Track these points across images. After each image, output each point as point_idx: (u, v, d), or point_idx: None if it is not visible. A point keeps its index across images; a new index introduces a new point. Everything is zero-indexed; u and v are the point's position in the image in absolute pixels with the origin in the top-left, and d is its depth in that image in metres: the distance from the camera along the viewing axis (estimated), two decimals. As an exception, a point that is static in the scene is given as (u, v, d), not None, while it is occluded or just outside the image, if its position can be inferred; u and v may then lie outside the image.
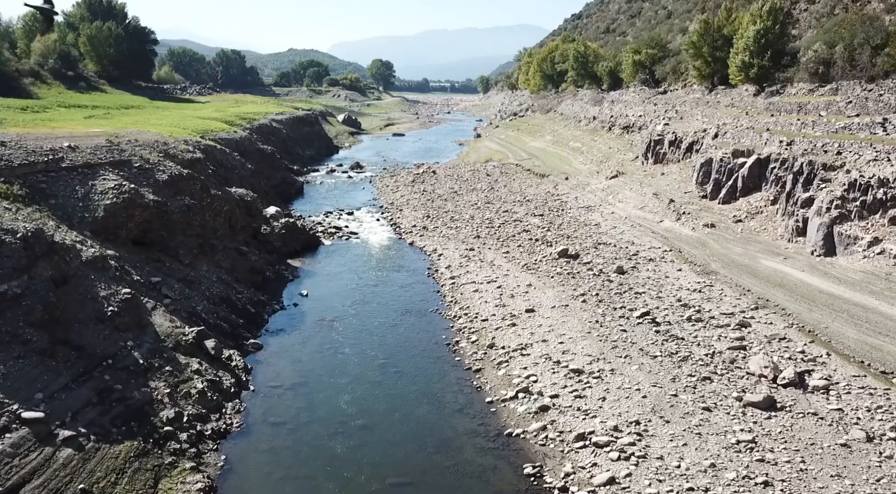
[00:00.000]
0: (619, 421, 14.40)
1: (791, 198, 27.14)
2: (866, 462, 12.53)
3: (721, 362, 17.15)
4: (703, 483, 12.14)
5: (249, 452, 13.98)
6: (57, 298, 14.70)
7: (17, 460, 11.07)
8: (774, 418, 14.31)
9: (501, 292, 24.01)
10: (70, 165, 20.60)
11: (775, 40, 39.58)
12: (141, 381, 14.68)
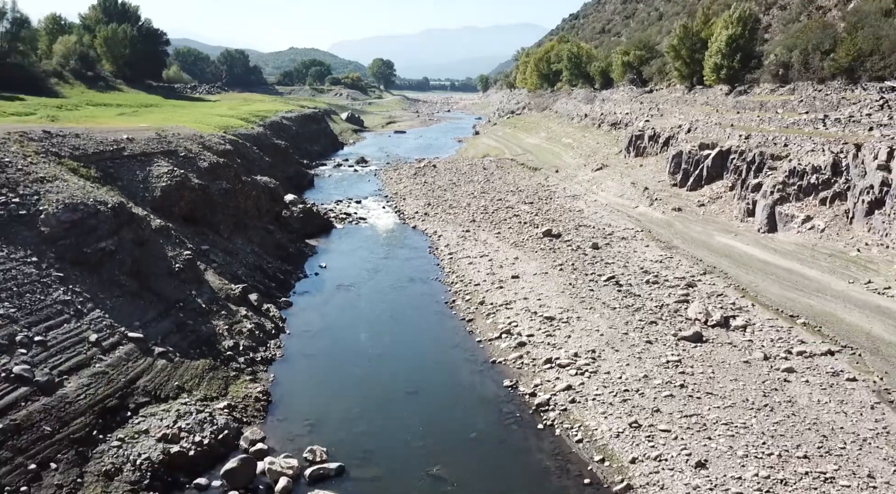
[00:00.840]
0: (579, 350, 18.47)
1: (744, 184, 31.22)
2: (759, 372, 16.60)
3: (667, 311, 21.22)
4: (636, 387, 16.20)
5: (290, 372, 18.05)
6: (139, 255, 18.79)
7: (130, 363, 15.14)
8: (699, 347, 18.38)
9: (492, 263, 28.06)
10: (130, 153, 24.68)
11: (745, 45, 43.58)
12: (205, 320, 18.76)
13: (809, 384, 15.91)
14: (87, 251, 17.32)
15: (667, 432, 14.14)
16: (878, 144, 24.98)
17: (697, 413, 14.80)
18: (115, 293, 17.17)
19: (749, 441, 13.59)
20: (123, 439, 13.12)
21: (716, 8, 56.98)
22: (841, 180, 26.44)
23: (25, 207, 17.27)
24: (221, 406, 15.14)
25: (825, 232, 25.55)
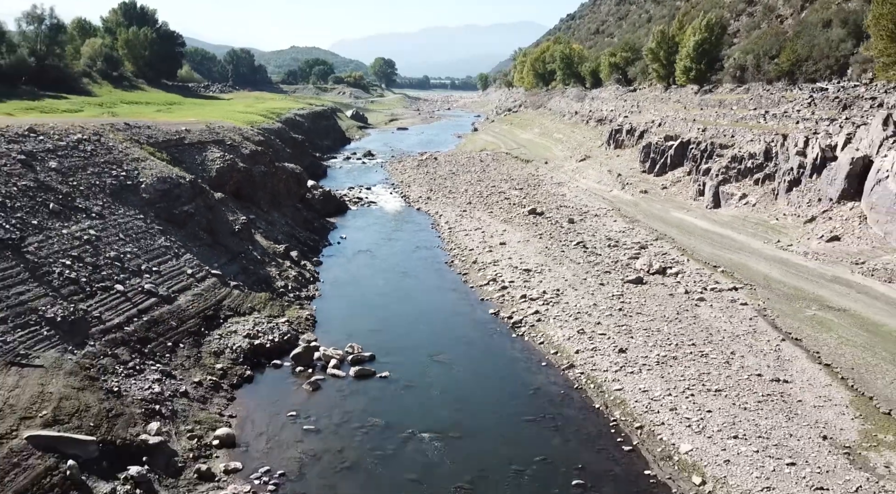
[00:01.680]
0: (547, 290, 24.18)
1: (698, 169, 36.91)
2: (678, 301, 22.31)
3: (619, 265, 26.92)
4: (586, 310, 21.91)
5: (328, 305, 23.75)
6: (210, 217, 24.50)
7: (215, 290, 20.84)
8: (639, 287, 24.09)
9: (484, 235, 33.74)
10: (189, 142, 30.40)
11: (711, 49, 49.26)
12: (261, 267, 24.48)
13: (712, 307, 21.62)
14: (175, 212, 23.07)
15: (603, 335, 19.85)
16: (798, 135, 30.68)
17: (626, 325, 20.51)
18: (197, 243, 22.91)
19: (658, 338, 19.32)
20: (221, 334, 18.86)
21: (693, 13, 62.67)
22: (771, 164, 32.15)
23: (130, 178, 23.02)
24: (282, 321, 20.85)
25: (755, 206, 31.27)
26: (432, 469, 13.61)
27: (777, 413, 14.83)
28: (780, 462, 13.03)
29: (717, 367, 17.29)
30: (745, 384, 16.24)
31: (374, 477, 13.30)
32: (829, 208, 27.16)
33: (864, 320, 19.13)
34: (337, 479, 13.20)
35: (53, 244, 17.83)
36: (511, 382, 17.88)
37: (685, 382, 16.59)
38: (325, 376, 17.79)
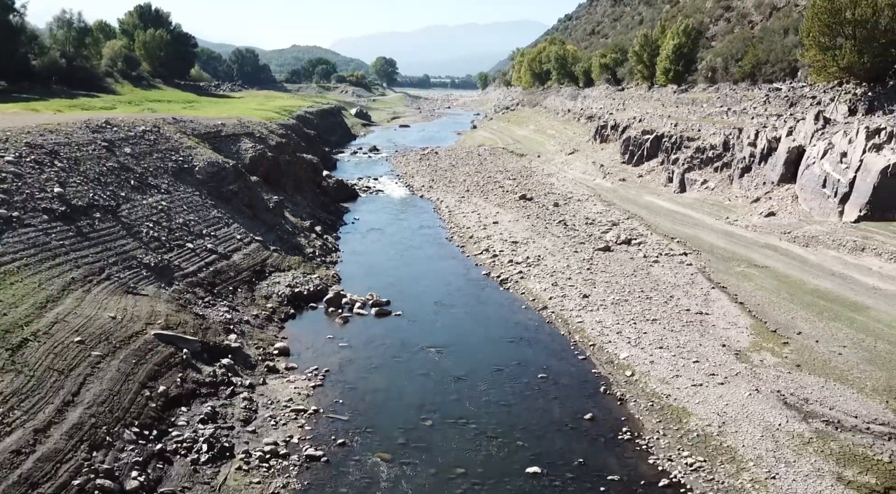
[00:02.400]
0: (529, 256, 29.10)
1: (669, 160, 41.80)
2: (637, 263, 27.23)
3: (593, 238, 31.83)
4: (560, 270, 26.81)
5: (349, 267, 28.64)
6: (249, 196, 29.42)
7: (259, 252, 25.76)
8: (606, 253, 29.01)
9: (479, 216, 38.63)
10: (225, 134, 35.31)
11: (687, 52, 54.07)
12: (292, 236, 29.40)
13: (663, 267, 26.54)
14: (222, 190, 28.01)
15: (572, 286, 24.79)
16: (751, 129, 35.59)
17: (592, 279, 25.46)
18: (241, 216, 27.84)
19: (615, 288, 24.25)
20: (268, 284, 23.79)
21: (675, 18, 67.51)
22: (728, 154, 37.06)
23: (186, 162, 27.97)
24: (314, 277, 25.77)
25: (714, 190, 36.19)
26: (436, 368, 18.53)
27: (694, 333, 19.76)
28: (688, 360, 17.96)
29: (657, 305, 22.23)
30: (676, 316, 21.18)
31: (393, 373, 18.23)
32: (770, 190, 32.10)
33: (777, 273, 24.05)
34: (367, 374, 18.13)
35: (138, 211, 22.80)
36: (497, 318, 22.83)
37: (630, 315, 21.53)
38: (352, 314, 22.72)
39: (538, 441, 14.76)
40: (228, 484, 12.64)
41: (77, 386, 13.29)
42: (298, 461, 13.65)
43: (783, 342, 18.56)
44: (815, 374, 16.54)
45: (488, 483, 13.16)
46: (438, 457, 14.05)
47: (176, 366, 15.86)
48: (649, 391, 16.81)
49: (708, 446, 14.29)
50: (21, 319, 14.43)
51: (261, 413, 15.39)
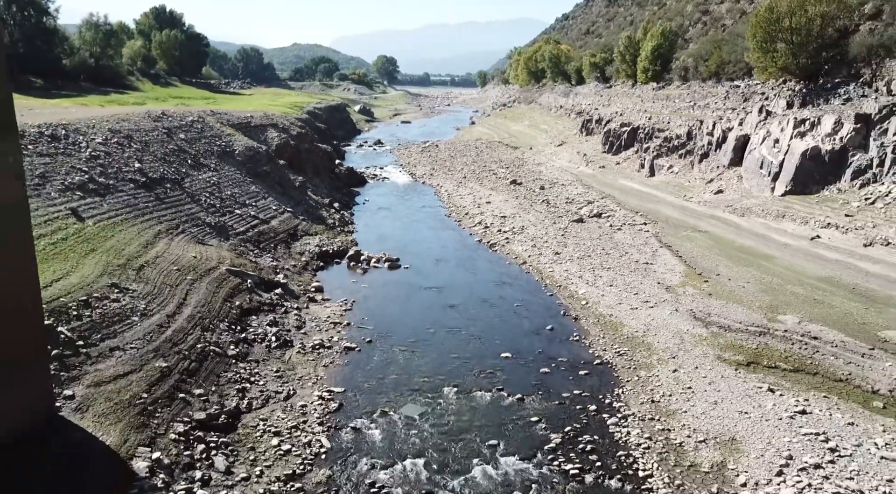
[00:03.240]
0: (514, 227, 34.63)
1: (642, 148, 47.31)
2: (604, 230, 32.77)
3: (570, 213, 37.34)
4: (540, 237, 32.35)
5: (363, 235, 34.13)
6: (279, 175, 34.95)
7: (291, 220, 31.29)
8: (579, 224, 34.55)
9: (474, 198, 44.13)
10: (254, 124, 40.81)
11: (665, 53, 59.49)
12: (316, 210, 34.93)
13: (625, 233, 32.07)
14: (258, 170, 33.54)
15: (547, 247, 30.33)
16: (709, 120, 41.09)
17: (564, 242, 31.00)
18: (274, 192, 33.38)
19: (582, 247, 29.80)
20: (300, 244, 29.33)
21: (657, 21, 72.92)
22: (691, 143, 42.56)
23: (228, 147, 33.49)
24: (337, 240, 31.30)
25: (678, 174, 41.71)
26: (436, 300, 24.09)
27: (639, 276, 25.30)
28: (630, 293, 23.51)
29: (614, 259, 27.78)
30: (626, 266, 26.73)
31: (404, 303, 23.78)
32: (721, 172, 37.63)
33: (714, 236, 29.60)
34: (384, 303, 23.67)
35: (196, 184, 28.34)
36: (485, 270, 28.37)
37: (591, 266, 27.08)
38: (369, 267, 28.26)
39: (511, 341, 20.31)
40: (293, 360, 18.19)
41: (184, 295, 18.84)
42: (339, 350, 19.22)
43: (704, 281, 24.11)
44: (721, 299, 22.08)
45: (473, 361, 18.72)
46: (439, 348, 19.61)
47: (244, 290, 21.40)
48: (597, 313, 22.37)
49: (633, 342, 19.84)
50: (134, 253, 19.96)
51: (308, 324, 20.95)
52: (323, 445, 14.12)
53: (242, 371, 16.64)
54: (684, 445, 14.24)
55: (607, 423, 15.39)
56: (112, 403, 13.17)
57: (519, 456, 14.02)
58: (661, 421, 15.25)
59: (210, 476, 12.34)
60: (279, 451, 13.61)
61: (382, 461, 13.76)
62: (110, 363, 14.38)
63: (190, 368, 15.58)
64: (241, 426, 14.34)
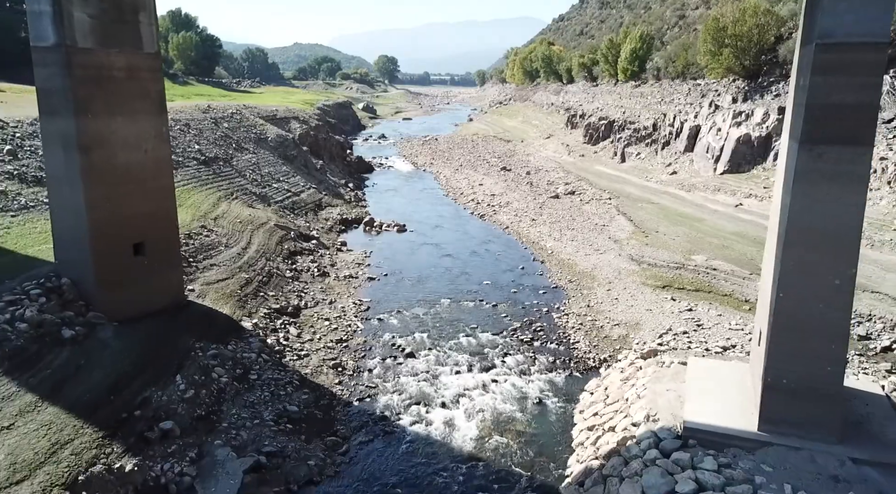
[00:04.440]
0: (501, 202, 41.32)
1: (616, 139, 53.97)
2: (574, 203, 39.46)
3: (549, 193, 44.01)
4: (522, 209, 39.04)
5: (374, 208, 40.77)
6: (304, 159, 41.63)
7: (315, 195, 37.97)
8: (555, 200, 41.23)
9: (469, 182, 50.80)
10: (278, 117, 47.48)
11: (642, 55, 66.09)
12: (335, 188, 41.61)
13: (591, 205, 38.73)
14: (287, 154, 40.22)
15: (526, 216, 37.00)
16: (671, 114, 47.75)
17: (540, 212, 37.67)
18: (300, 172, 40.07)
19: (555, 216, 36.47)
20: (325, 212, 36.01)
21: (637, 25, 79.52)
22: (656, 133, 49.21)
23: (262, 135, 40.16)
24: (353, 211, 37.96)
25: (644, 159, 48.39)
26: (435, 252, 30.77)
27: (595, 234, 31.99)
28: (586, 245, 30.18)
29: (578, 223, 34.47)
30: (587, 227, 33.42)
31: (410, 254, 30.47)
32: (677, 157, 44.30)
33: (663, 206, 36.27)
34: (395, 254, 30.35)
35: (241, 163, 35.02)
36: (474, 233, 35.05)
37: (559, 228, 33.77)
38: (381, 230, 34.93)
39: (491, 275, 27.02)
40: (331, 283, 24.89)
41: (249, 238, 25.53)
42: (363, 279, 25.93)
43: (645, 236, 30.79)
44: (654, 247, 28.77)
45: (462, 285, 25.43)
46: (437, 279, 26.33)
47: (289, 239, 28.10)
48: (559, 258, 29.07)
49: (582, 275, 26.52)
50: (208, 209, 26.64)
51: (338, 263, 27.65)
52: (358, 326, 20.83)
53: (297, 287, 23.35)
54: (604, 327, 20.95)
55: (553, 317, 22.11)
56: (220, 294, 19.86)
57: (490, 333, 20.73)
58: (590, 315, 21.97)
59: (288, 335, 19.04)
60: (330, 327, 20.32)
61: (399, 334, 20.47)
62: (212, 273, 21.09)
63: (263, 280, 22.28)
64: (302, 315, 21.05)
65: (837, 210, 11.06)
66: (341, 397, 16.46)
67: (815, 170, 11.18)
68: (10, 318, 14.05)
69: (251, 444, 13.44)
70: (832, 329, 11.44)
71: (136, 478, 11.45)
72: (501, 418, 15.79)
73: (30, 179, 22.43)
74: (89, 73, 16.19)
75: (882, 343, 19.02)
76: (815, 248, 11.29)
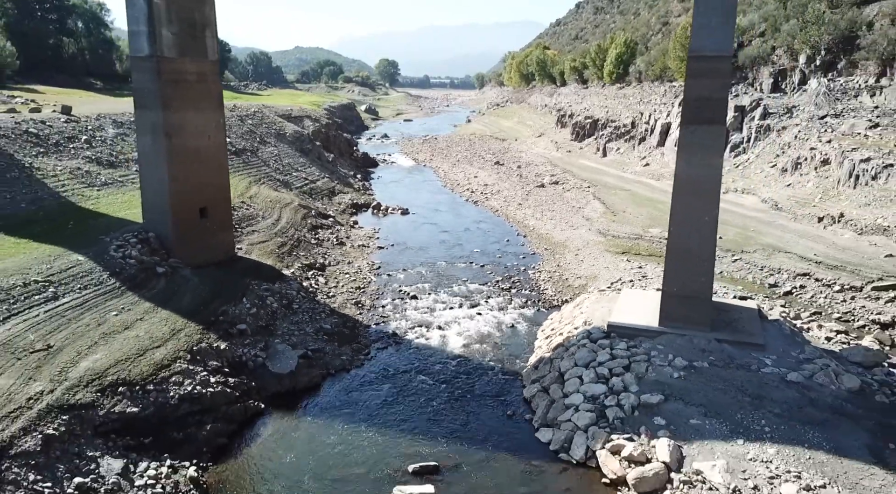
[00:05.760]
0: (494, 190, 46.56)
1: (599, 136, 59.22)
2: (556, 192, 44.70)
3: (536, 182, 49.24)
4: (511, 196, 44.28)
5: (380, 195, 46.01)
6: (318, 152, 46.88)
7: (329, 183, 43.23)
8: (540, 188, 46.47)
9: (465, 175, 56.03)
10: (293, 115, 52.76)
11: (626, 59, 71.37)
12: (345, 178, 46.85)
13: (572, 193, 43.94)
14: (303, 148, 45.50)
15: (514, 201, 42.22)
16: (647, 112, 53.00)
17: (527, 199, 42.90)
18: (315, 164, 45.34)
19: (539, 201, 41.71)
20: (338, 198, 41.24)
21: (627, 30, 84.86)
22: (634, 130, 54.47)
23: (281, 130, 45.45)
24: (363, 197, 43.17)
25: (622, 154, 53.64)
26: (434, 229, 35.99)
27: (572, 215, 37.20)
28: (563, 223, 35.39)
29: (558, 206, 39.69)
30: (566, 210, 38.63)
31: (413, 230, 35.70)
32: (651, 151, 49.55)
33: (634, 192, 41.48)
34: (399, 230, 35.57)
35: (265, 154, 40.29)
36: (468, 215, 40.26)
37: (541, 210, 38.99)
38: (388, 213, 40.15)
39: (481, 246, 32.24)
40: (348, 250, 30.12)
41: (279, 213, 30.76)
42: (374, 247, 31.16)
43: (614, 215, 36.01)
44: (619, 223, 33.97)
45: (456, 253, 30.66)
46: (436, 249, 31.57)
47: (311, 216, 33.33)
48: (539, 233, 34.29)
49: (556, 245, 31.73)
50: (243, 190, 31.86)
51: (353, 237, 32.87)
52: (372, 279, 26.08)
53: (321, 251, 28.58)
54: (568, 279, 26.17)
55: (529, 273, 27.36)
56: (262, 251, 25.08)
57: (478, 284, 25.98)
58: (559, 272, 27.20)
59: (318, 282, 24.26)
60: (350, 279, 25.55)
61: (404, 284, 25.70)
62: (254, 236, 26.32)
63: (294, 244, 27.51)
64: (327, 271, 26.27)
65: (704, 169, 16.32)
66: (362, 322, 21.68)
67: (691, 142, 16.45)
68: (123, 255, 19.29)
69: (300, 344, 18.65)
70: (703, 253, 16.68)
71: (227, 354, 16.66)
72: (483, 335, 21.01)
73: (104, 162, 27.69)
74: (171, 76, 21.44)
75: (784, 289, 24.30)
76: (692, 194, 16.55)
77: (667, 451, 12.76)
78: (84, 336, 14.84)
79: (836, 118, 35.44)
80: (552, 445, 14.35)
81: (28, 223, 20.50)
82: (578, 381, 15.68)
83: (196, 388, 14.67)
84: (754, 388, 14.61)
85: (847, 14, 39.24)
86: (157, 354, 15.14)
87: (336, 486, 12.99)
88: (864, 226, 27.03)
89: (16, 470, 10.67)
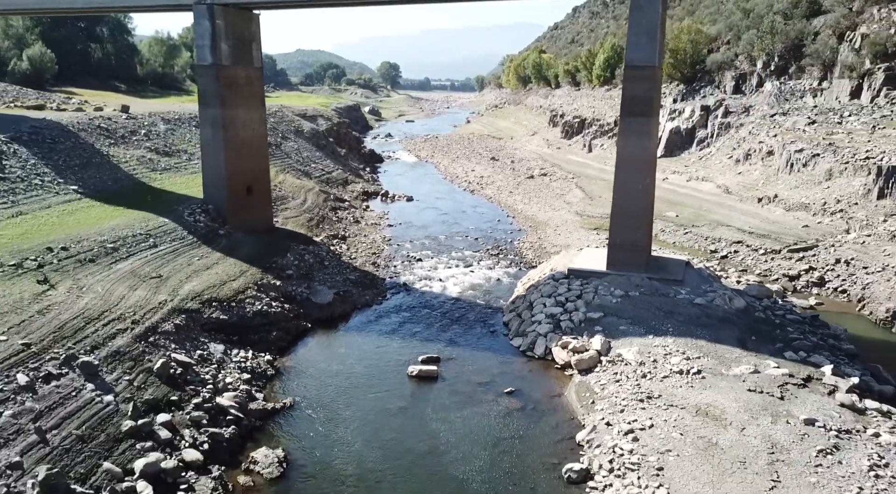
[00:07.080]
0: (489, 181, 52.14)
1: (585, 133, 64.83)
2: (544, 182, 50.27)
3: (526, 174, 54.81)
4: (504, 186, 49.86)
5: (387, 185, 51.59)
6: (332, 147, 52.50)
7: (343, 174, 48.83)
8: (530, 179, 52.06)
9: (464, 169, 61.60)
10: (308, 115, 58.38)
11: (613, 63, 76.93)
12: (356, 170, 52.46)
13: (558, 182, 49.50)
14: (319, 143, 51.12)
15: (506, 189, 47.79)
16: (627, 112, 58.63)
17: (517, 187, 48.48)
18: (330, 158, 50.94)
19: (528, 190, 47.29)
20: (351, 187, 46.85)
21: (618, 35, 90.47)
22: (617, 128, 59.96)
23: (299, 127, 51.08)
24: (372, 186, 48.74)
25: (606, 149, 59.22)
26: (435, 213, 41.58)
27: (555, 200, 42.75)
28: (546, 206, 40.96)
29: (545, 194, 45.26)
30: (551, 196, 44.19)
31: (418, 214, 41.30)
32: (630, 147, 55.10)
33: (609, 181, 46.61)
34: (405, 213, 41.17)
35: (287, 148, 45.91)
36: (464, 201, 45.83)
37: (529, 197, 44.55)
38: (394, 200, 45.72)
39: (475, 224, 37.82)
40: (363, 226, 35.69)
41: (304, 196, 36.35)
42: (385, 225, 36.73)
43: (591, 200, 41.57)
44: (595, 206, 39.50)
45: (454, 230, 36.25)
46: (437, 226, 37.15)
47: (330, 200, 38.90)
48: (526, 215, 39.86)
49: (539, 223, 37.29)
50: (272, 178, 37.41)
51: (366, 217, 38.43)
52: (384, 247, 31.69)
53: (341, 226, 34.15)
54: (546, 247, 31.75)
55: (515, 243, 32.94)
56: (295, 223, 30.66)
57: (472, 251, 31.59)
58: (539, 242, 32.77)
59: (341, 247, 29.83)
60: (367, 247, 31.12)
61: (412, 251, 31.27)
62: (287, 212, 31.91)
63: (319, 219, 33.09)
64: (348, 240, 31.84)
65: (639, 150, 21.89)
66: (378, 276, 27.27)
67: (629, 130, 22.04)
68: (194, 219, 24.87)
69: (333, 287, 24.21)
70: (639, 213, 22.25)
71: (281, 289, 22.24)
72: (475, 285, 26.58)
73: (161, 151, 33.29)
74: (227, 80, 27.03)
75: (721, 254, 29.89)
76: (630, 170, 22.12)
77: (599, 343, 18.30)
78: (181, 271, 20.43)
79: (783, 116, 41.03)
80: (521, 347, 19.93)
81: (117, 196, 26.09)
82: (542, 305, 21.25)
83: (264, 308, 20.25)
84: (668, 307, 20.16)
85: (797, 25, 44.83)
86: (234, 284, 20.73)
87: (369, 369, 18.55)
88: (792, 204, 32.62)
89: (162, 342, 16.24)
